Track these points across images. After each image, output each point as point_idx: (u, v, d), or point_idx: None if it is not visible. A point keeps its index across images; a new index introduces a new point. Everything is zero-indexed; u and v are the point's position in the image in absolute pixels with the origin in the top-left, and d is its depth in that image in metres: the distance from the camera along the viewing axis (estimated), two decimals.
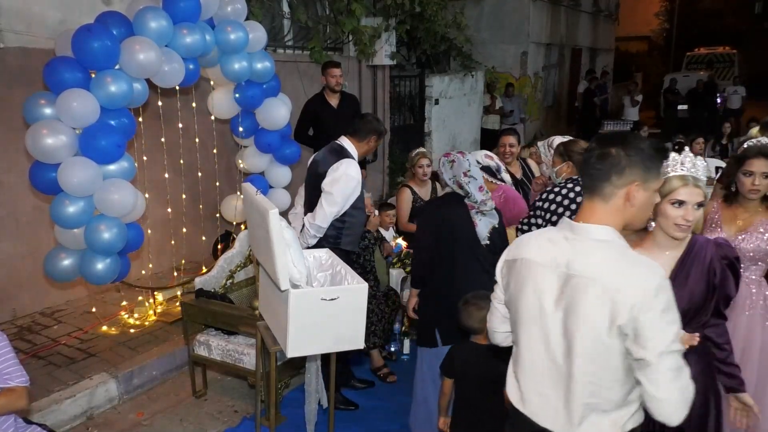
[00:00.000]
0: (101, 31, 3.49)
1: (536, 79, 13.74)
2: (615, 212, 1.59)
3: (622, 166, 1.55)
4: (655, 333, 1.44)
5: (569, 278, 1.57)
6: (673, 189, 2.04)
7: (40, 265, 3.84)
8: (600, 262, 1.54)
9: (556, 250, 1.62)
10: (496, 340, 1.93)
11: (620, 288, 1.47)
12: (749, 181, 2.65)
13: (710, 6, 26.30)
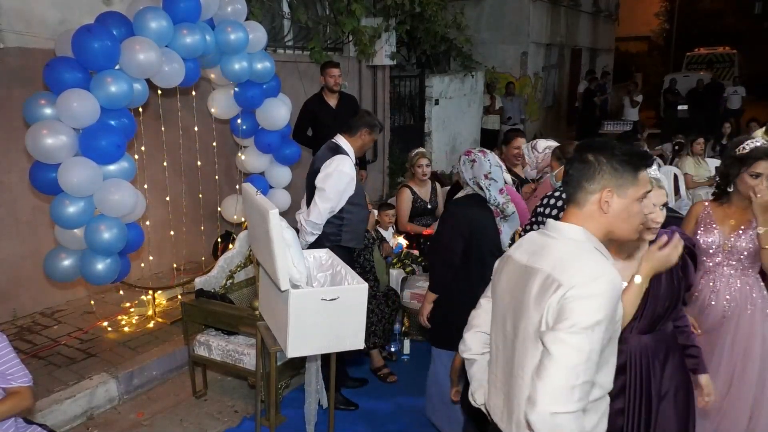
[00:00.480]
0: (101, 32, 3.49)
1: (536, 79, 13.74)
2: (589, 219, 1.58)
3: (592, 171, 1.55)
4: (568, 314, 1.41)
5: (524, 270, 1.59)
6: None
7: (41, 265, 3.84)
8: (554, 256, 1.53)
9: (531, 248, 1.63)
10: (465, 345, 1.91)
11: (560, 278, 1.46)
12: (756, 183, 2.60)
13: (710, 6, 26.31)
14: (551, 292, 1.47)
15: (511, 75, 12.54)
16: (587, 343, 1.39)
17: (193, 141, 5.09)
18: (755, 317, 2.69)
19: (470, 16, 11.45)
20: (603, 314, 1.42)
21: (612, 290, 1.44)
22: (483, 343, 1.86)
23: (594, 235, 1.58)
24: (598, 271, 1.46)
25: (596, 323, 1.40)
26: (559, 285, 1.46)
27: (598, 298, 1.42)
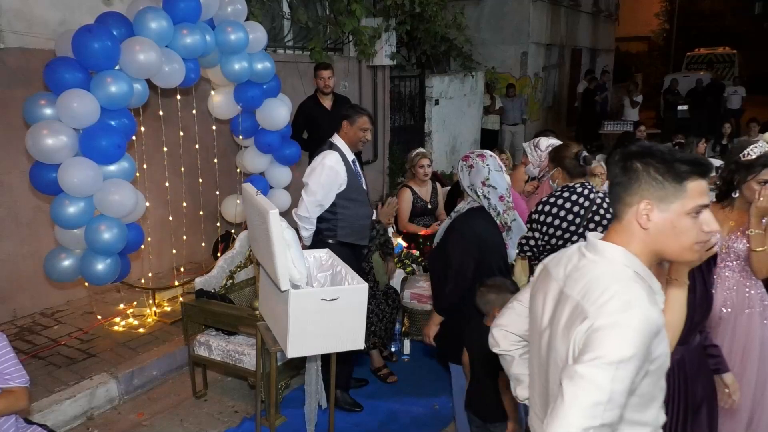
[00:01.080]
0: (101, 32, 3.49)
1: (536, 79, 13.74)
2: (630, 236, 1.38)
3: (630, 180, 1.36)
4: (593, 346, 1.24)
5: (560, 294, 1.43)
6: None
7: (41, 265, 3.84)
8: (585, 281, 1.35)
9: (568, 267, 1.46)
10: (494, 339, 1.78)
11: (588, 308, 1.29)
12: (763, 190, 2.56)
13: (710, 6, 26.34)
14: (578, 323, 1.30)
15: (511, 75, 12.54)
16: (609, 381, 1.20)
17: (193, 141, 5.09)
18: (753, 319, 2.68)
19: (470, 16, 11.45)
20: (633, 350, 1.22)
21: (646, 325, 1.24)
22: (512, 342, 1.75)
23: (638, 255, 1.38)
24: (632, 301, 1.26)
25: (623, 359, 1.21)
26: (585, 316, 1.28)
27: (628, 331, 1.23)
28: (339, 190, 3.49)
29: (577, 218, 2.87)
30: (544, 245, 2.93)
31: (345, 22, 6.83)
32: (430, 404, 3.69)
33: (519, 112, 11.16)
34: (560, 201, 2.91)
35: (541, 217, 2.92)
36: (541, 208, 2.94)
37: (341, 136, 3.58)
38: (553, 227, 2.88)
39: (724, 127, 9.50)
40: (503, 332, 1.75)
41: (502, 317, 1.77)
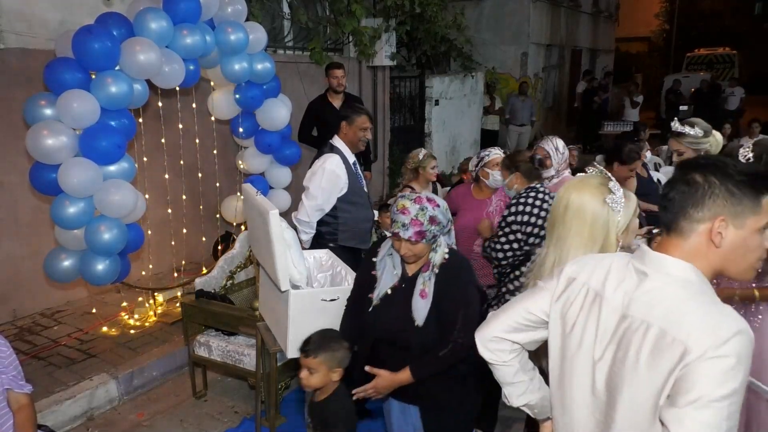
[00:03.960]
0: (101, 32, 3.49)
1: (536, 80, 13.75)
2: (696, 254, 1.29)
3: (701, 195, 1.26)
4: (693, 384, 1.15)
5: (623, 319, 1.31)
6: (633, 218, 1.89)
7: (41, 265, 3.84)
8: (665, 305, 1.25)
9: (622, 283, 1.35)
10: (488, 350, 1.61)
11: (684, 338, 1.18)
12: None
13: (710, 7, 26.33)
14: (675, 356, 1.18)
15: (511, 75, 12.54)
16: (718, 419, 1.13)
17: (193, 141, 5.09)
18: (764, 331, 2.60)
19: (470, 16, 11.46)
20: (739, 381, 1.14)
21: (749, 349, 1.16)
22: (510, 350, 1.61)
23: (703, 273, 1.29)
24: (731, 325, 1.17)
25: (730, 394, 1.13)
26: (685, 349, 1.17)
27: (732, 362, 1.13)
28: (340, 194, 3.48)
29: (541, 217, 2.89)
30: (520, 247, 2.91)
31: (345, 22, 6.84)
32: None
33: (529, 112, 11.10)
34: (530, 200, 2.93)
35: (518, 217, 2.90)
36: (515, 209, 2.93)
37: (341, 137, 3.57)
38: (530, 225, 2.89)
39: (724, 128, 9.50)
40: (502, 342, 1.60)
41: (496, 326, 1.60)
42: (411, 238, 2.04)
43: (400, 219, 2.06)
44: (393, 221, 2.09)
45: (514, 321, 1.58)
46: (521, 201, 2.94)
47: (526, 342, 1.60)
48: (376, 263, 2.25)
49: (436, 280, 2.12)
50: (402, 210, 2.06)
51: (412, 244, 2.07)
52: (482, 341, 1.63)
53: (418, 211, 2.05)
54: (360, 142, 3.62)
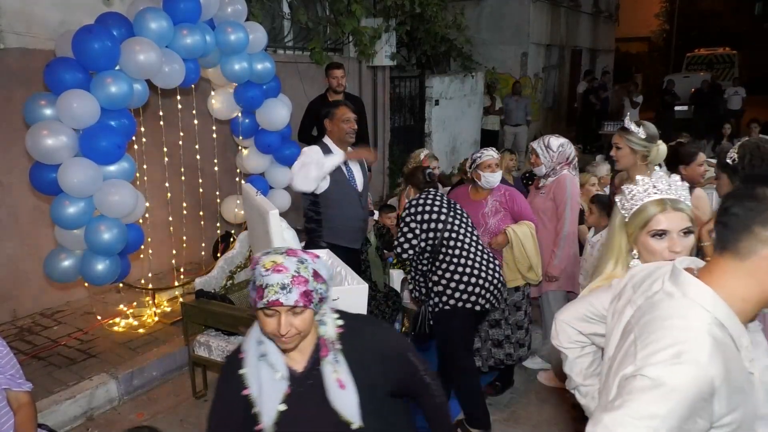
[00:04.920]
0: (101, 32, 3.49)
1: (536, 80, 13.75)
2: (751, 278, 1.16)
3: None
4: (622, 392, 1.15)
5: (627, 325, 1.31)
6: (650, 217, 1.68)
7: (41, 265, 3.85)
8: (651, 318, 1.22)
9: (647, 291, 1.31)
10: (554, 331, 1.73)
11: (637, 351, 1.18)
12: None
13: (710, 7, 26.34)
14: (626, 364, 1.18)
15: (511, 75, 12.55)
16: (614, 426, 1.11)
17: (193, 141, 5.09)
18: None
19: (470, 16, 11.46)
20: (665, 410, 1.08)
21: (693, 385, 1.09)
22: (571, 339, 1.69)
23: (742, 301, 1.17)
24: (685, 355, 1.10)
25: (653, 417, 1.08)
26: (633, 359, 1.16)
27: (666, 389, 1.09)
28: (323, 188, 3.49)
29: (441, 214, 3.25)
30: (419, 243, 3.24)
31: (345, 22, 6.84)
32: None
33: (523, 112, 11.12)
34: (421, 201, 3.32)
35: (413, 216, 3.25)
36: (408, 210, 3.30)
37: (329, 135, 3.63)
38: (425, 222, 3.23)
39: (724, 128, 9.51)
40: (565, 327, 1.70)
41: (568, 312, 1.72)
42: (298, 302, 1.45)
43: (275, 280, 1.44)
44: (264, 288, 1.45)
45: (582, 311, 1.65)
46: (413, 203, 3.34)
47: (589, 333, 1.65)
48: (244, 377, 1.56)
49: (347, 360, 1.58)
50: (274, 268, 1.45)
51: (294, 314, 1.48)
52: (555, 321, 1.73)
53: (297, 265, 1.48)
54: (347, 135, 3.58)
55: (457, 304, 3.20)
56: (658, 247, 1.67)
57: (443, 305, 3.23)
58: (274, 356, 1.55)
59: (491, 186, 3.66)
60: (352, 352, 1.58)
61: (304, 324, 1.50)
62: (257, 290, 1.46)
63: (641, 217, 1.68)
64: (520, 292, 3.73)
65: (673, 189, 1.70)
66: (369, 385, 1.58)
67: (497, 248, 3.62)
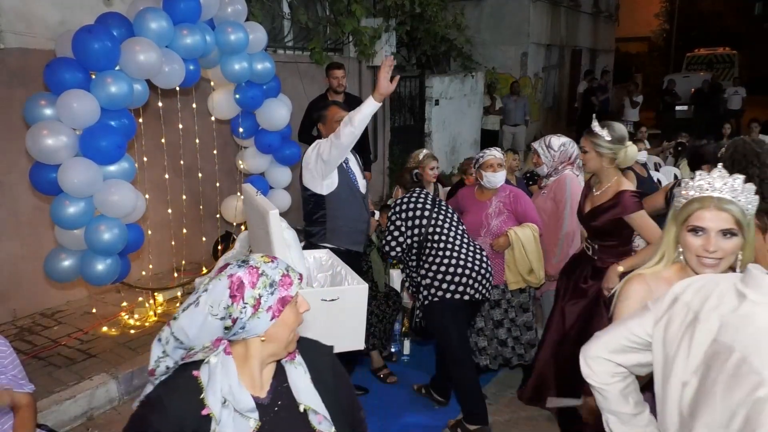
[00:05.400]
0: (101, 32, 3.49)
1: (536, 80, 13.75)
2: None
3: None
4: (762, 423, 1.05)
5: (712, 344, 1.22)
6: (691, 212, 1.65)
7: (41, 265, 3.84)
8: (750, 329, 1.14)
9: (720, 306, 1.24)
10: (589, 369, 1.52)
11: (758, 365, 1.09)
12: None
13: (710, 7, 26.34)
14: (747, 386, 1.09)
15: (511, 75, 12.54)
16: None
17: (193, 141, 5.09)
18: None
19: (470, 16, 11.46)
20: None
21: None
22: (611, 373, 1.51)
23: None
24: None
25: None
26: (759, 381, 1.08)
27: None
28: (331, 189, 3.36)
29: (425, 211, 3.37)
30: (405, 240, 3.39)
31: (345, 22, 6.84)
32: (430, 404, 3.70)
33: (522, 112, 11.12)
34: (405, 200, 3.45)
35: (399, 215, 3.39)
36: (394, 209, 3.42)
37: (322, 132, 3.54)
38: (410, 219, 3.36)
39: (724, 128, 9.50)
40: (600, 363, 1.51)
41: (598, 345, 1.52)
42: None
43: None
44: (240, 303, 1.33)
45: (618, 341, 1.47)
46: (398, 203, 3.46)
47: (631, 365, 1.48)
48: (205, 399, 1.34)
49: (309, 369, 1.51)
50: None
51: None
52: (585, 358, 1.53)
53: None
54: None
55: (445, 296, 3.24)
56: (693, 244, 1.65)
57: (432, 297, 3.27)
58: (237, 394, 1.34)
59: (493, 186, 3.66)
60: (311, 362, 1.53)
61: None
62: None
63: (685, 211, 1.66)
64: (525, 294, 3.74)
65: (729, 189, 1.64)
66: (331, 399, 1.50)
67: (498, 250, 3.62)
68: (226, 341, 1.36)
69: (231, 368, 1.35)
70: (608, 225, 2.92)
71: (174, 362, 1.37)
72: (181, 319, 1.34)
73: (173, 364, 1.38)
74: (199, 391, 1.34)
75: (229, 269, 1.35)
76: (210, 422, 1.32)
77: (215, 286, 1.33)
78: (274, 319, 1.36)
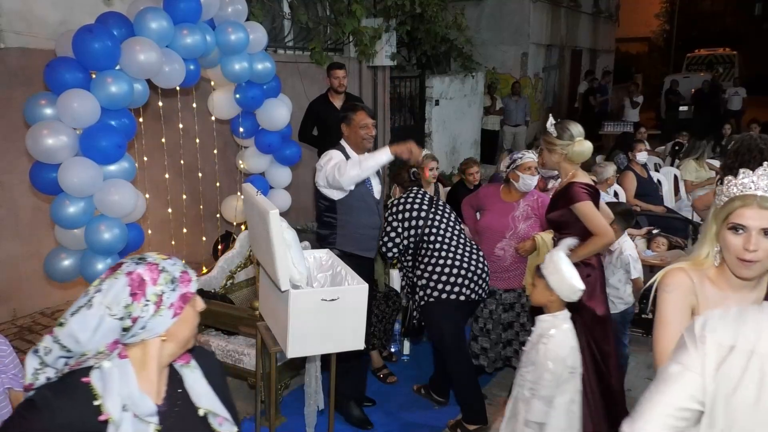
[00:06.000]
0: (102, 32, 3.49)
1: (536, 80, 13.75)
2: None
3: None
4: None
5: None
6: (732, 210, 1.61)
7: (41, 265, 3.84)
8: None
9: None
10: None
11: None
12: None
13: (710, 7, 26.37)
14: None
15: (511, 76, 12.55)
16: None
17: (194, 141, 5.09)
18: None
19: (470, 16, 11.46)
20: None
21: None
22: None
23: None
24: None
25: None
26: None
27: None
28: (342, 194, 3.31)
29: (422, 211, 3.38)
30: (402, 241, 3.41)
31: (345, 22, 6.84)
32: (430, 405, 3.70)
33: (523, 112, 11.13)
34: (402, 200, 3.49)
35: (395, 216, 3.43)
36: (391, 210, 3.45)
37: (345, 140, 3.41)
38: (406, 220, 3.39)
39: (725, 128, 9.50)
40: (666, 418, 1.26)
41: (641, 427, 1.26)
42: None
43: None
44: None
45: (668, 423, 1.24)
46: (395, 203, 3.48)
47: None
48: (102, 405, 1.26)
49: (203, 374, 1.46)
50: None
51: None
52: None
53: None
54: (364, 141, 3.38)
55: (441, 296, 3.24)
56: (732, 243, 1.60)
57: (428, 298, 3.28)
58: (138, 399, 1.29)
59: (528, 189, 3.65)
60: (203, 365, 1.48)
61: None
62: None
63: (726, 208, 1.62)
64: None
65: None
66: (224, 400, 1.46)
67: (524, 254, 3.61)
68: (122, 345, 1.29)
69: (129, 372, 1.28)
70: (560, 216, 3.02)
71: (55, 372, 1.28)
72: (70, 324, 1.24)
73: (54, 375, 1.28)
74: (91, 398, 1.25)
75: (125, 267, 1.29)
76: (106, 428, 1.24)
77: (112, 285, 1.26)
78: (176, 317, 1.31)
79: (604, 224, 2.90)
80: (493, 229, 3.64)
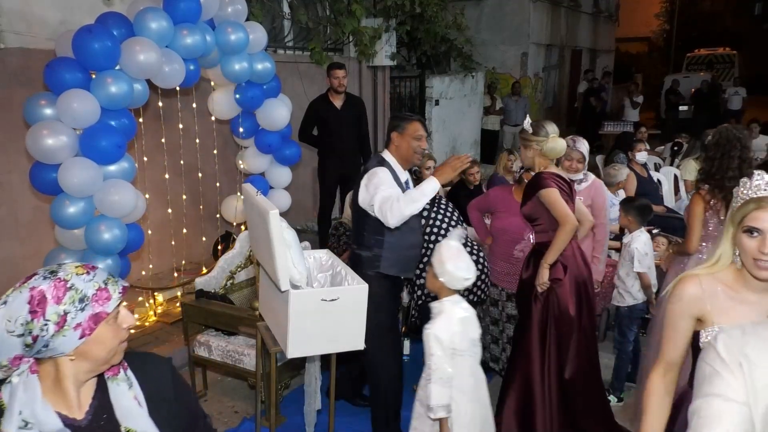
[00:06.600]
0: (102, 32, 3.49)
1: (536, 80, 13.75)
2: None
3: None
4: None
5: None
6: (747, 212, 1.60)
7: (41, 265, 3.83)
8: None
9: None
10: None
11: None
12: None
13: (710, 7, 26.38)
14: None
15: (511, 76, 12.55)
16: None
17: (194, 141, 5.09)
18: None
19: (470, 16, 11.46)
20: None
21: None
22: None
23: None
24: None
25: None
26: None
27: None
28: None
29: (423, 210, 3.16)
30: None
31: (345, 22, 6.84)
32: None
33: (523, 112, 11.14)
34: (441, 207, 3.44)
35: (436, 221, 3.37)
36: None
37: (391, 151, 3.03)
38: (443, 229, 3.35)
39: None
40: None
41: (705, 406, 1.17)
42: None
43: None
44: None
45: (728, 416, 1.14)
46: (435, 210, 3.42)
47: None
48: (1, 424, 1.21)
49: (139, 382, 1.43)
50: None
51: None
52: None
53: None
54: (414, 156, 3.02)
55: None
56: (748, 246, 1.59)
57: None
58: (41, 416, 1.19)
59: None
60: (146, 375, 1.40)
61: None
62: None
63: (741, 211, 1.62)
64: None
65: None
66: (173, 411, 1.39)
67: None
68: (31, 359, 1.20)
69: (34, 388, 1.20)
70: (531, 209, 3.11)
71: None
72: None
73: None
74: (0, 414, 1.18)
75: (33, 280, 1.20)
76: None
77: (15, 298, 1.17)
78: (84, 338, 1.23)
79: (567, 211, 2.97)
80: (509, 230, 3.58)
